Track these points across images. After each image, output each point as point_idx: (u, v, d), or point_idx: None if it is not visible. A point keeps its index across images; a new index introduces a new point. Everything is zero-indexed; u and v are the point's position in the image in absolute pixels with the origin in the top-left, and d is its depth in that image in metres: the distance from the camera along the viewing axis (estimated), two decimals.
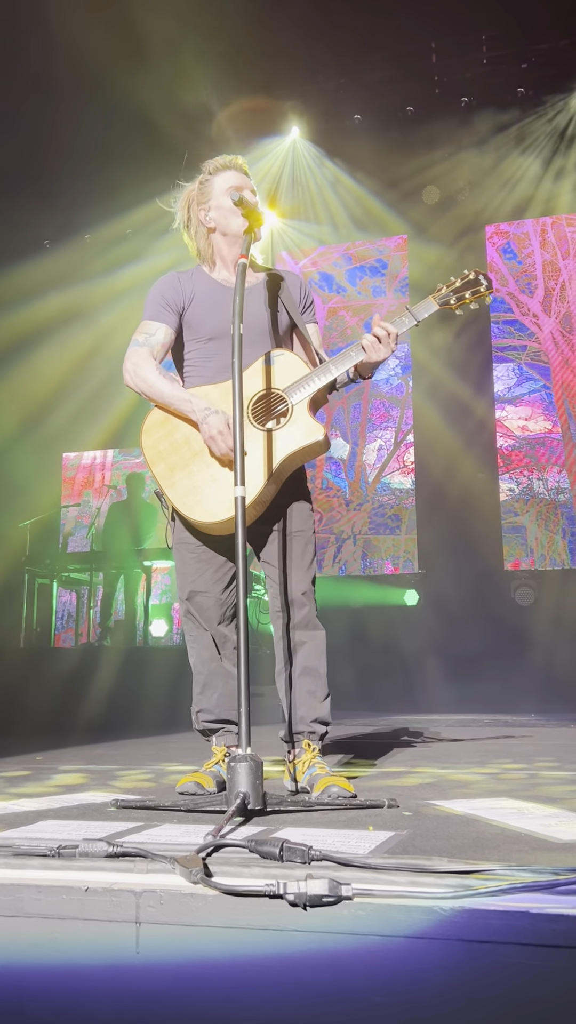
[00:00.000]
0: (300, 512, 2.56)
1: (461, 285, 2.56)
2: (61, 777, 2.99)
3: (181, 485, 2.47)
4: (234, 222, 2.56)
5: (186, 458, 2.49)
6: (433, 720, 6.41)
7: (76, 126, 8.21)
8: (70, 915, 1.27)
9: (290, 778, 2.42)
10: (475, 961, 1.11)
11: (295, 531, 2.54)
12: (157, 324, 2.57)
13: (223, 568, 2.56)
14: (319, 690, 2.46)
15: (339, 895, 1.17)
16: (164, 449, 2.52)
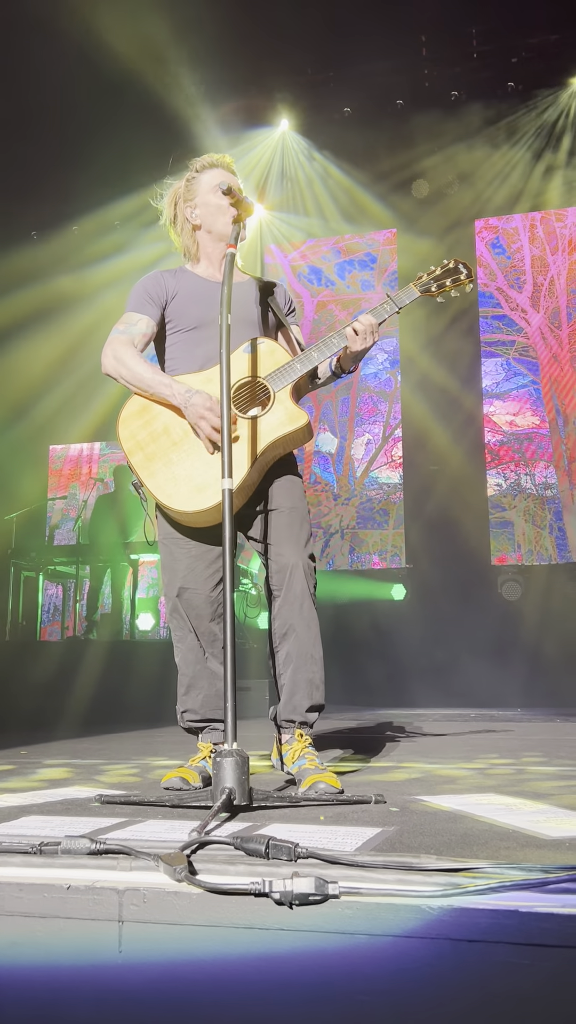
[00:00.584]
0: (292, 490, 2.54)
1: (442, 273, 2.58)
2: (45, 771, 2.96)
3: (160, 475, 2.44)
4: (219, 220, 2.59)
5: (165, 447, 2.46)
6: (420, 715, 6.42)
7: (63, 116, 8.13)
8: (51, 913, 1.25)
9: (278, 757, 2.44)
10: (463, 960, 1.09)
11: (288, 507, 2.51)
12: (139, 315, 2.57)
13: (214, 564, 2.53)
14: (317, 676, 2.43)
15: (326, 893, 1.15)
16: (142, 439, 2.48)
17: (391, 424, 9.84)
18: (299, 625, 2.42)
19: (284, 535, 2.47)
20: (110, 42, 7.35)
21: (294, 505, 2.51)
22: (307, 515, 2.55)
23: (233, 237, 2.28)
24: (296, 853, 1.29)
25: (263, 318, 2.62)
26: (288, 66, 9.07)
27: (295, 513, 2.50)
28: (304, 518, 2.53)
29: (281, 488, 2.53)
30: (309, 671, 2.41)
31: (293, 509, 2.51)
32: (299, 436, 2.48)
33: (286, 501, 2.51)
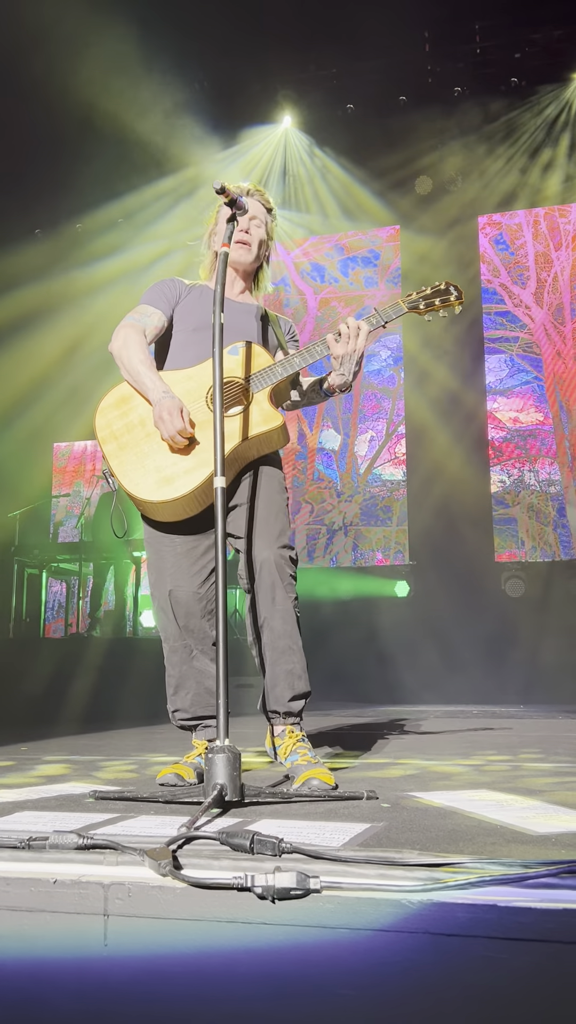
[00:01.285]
0: (268, 484, 2.55)
1: (431, 293, 2.57)
2: (44, 768, 2.98)
3: (129, 464, 2.48)
4: (232, 249, 2.61)
5: (139, 439, 2.51)
6: (422, 711, 6.42)
7: (67, 112, 8.14)
8: (38, 907, 1.27)
9: (271, 747, 2.48)
10: (442, 954, 1.10)
11: (263, 503, 2.53)
12: (153, 309, 2.65)
13: (200, 561, 2.54)
14: (296, 666, 2.43)
15: (307, 888, 1.17)
16: (117, 429, 2.53)
17: (394, 421, 9.84)
18: (272, 617, 2.42)
19: (256, 530, 2.49)
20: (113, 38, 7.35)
21: (269, 499, 2.53)
22: (283, 507, 2.55)
23: (227, 236, 2.28)
24: (280, 848, 1.30)
25: (263, 337, 2.68)
26: (291, 63, 9.07)
27: (270, 507, 2.51)
28: (279, 511, 2.53)
29: (258, 485, 2.56)
30: (288, 662, 2.41)
31: (268, 503, 2.52)
32: (273, 437, 2.49)
33: (261, 496, 2.53)
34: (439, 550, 9.03)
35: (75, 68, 7.54)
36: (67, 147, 8.60)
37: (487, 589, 8.81)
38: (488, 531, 9.24)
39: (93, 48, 7.48)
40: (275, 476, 2.58)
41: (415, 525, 9.44)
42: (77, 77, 7.59)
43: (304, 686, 2.43)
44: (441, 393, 9.42)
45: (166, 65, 8.61)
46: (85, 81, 7.69)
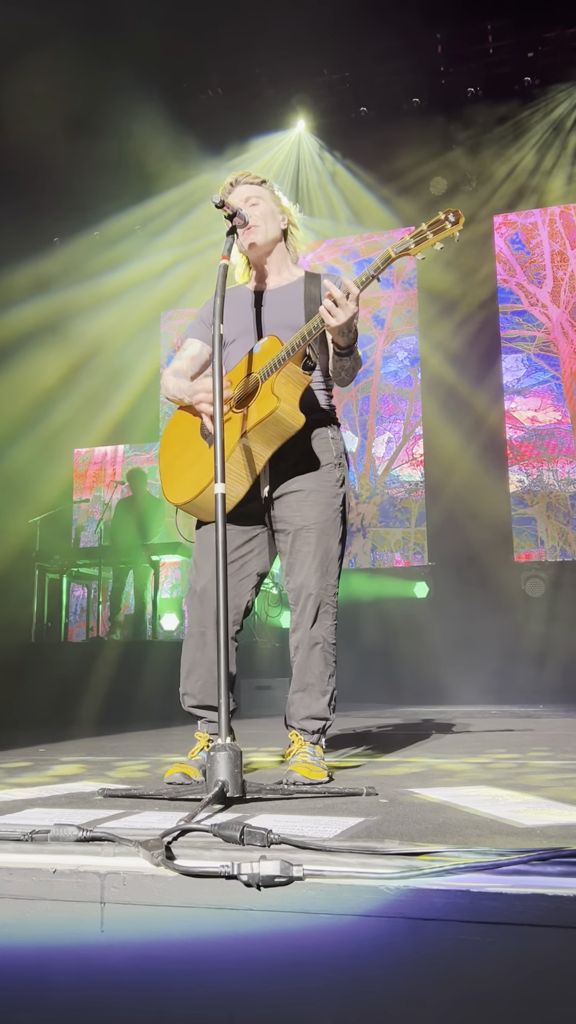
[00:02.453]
0: (311, 502, 2.55)
1: (426, 227, 2.34)
2: (60, 768, 3.06)
3: (170, 471, 2.69)
4: (246, 239, 2.66)
5: (182, 448, 2.69)
6: (441, 711, 6.45)
7: (82, 123, 8.26)
8: (39, 896, 1.33)
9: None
10: (418, 938, 1.15)
11: (300, 527, 2.55)
12: (191, 340, 2.78)
13: (234, 554, 2.56)
14: (310, 695, 2.51)
15: (291, 875, 1.22)
16: (169, 441, 2.76)
17: (412, 422, 9.87)
18: (304, 644, 2.52)
19: (298, 557, 2.54)
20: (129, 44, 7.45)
21: (310, 522, 2.54)
22: (328, 530, 2.54)
23: (226, 249, 2.34)
24: (269, 839, 1.36)
25: (309, 316, 2.61)
26: (304, 68, 9.13)
27: (310, 533, 2.53)
28: (321, 534, 2.53)
29: (307, 504, 2.56)
30: (306, 688, 2.51)
31: (308, 528, 2.53)
32: (278, 421, 2.44)
33: (310, 518, 2.54)
34: (458, 550, 9.04)
35: (88, 76, 7.65)
36: (83, 157, 8.71)
37: (507, 589, 8.80)
38: (507, 531, 9.24)
39: (106, 57, 7.60)
40: (318, 497, 2.56)
41: (433, 526, 9.46)
42: (89, 85, 7.70)
43: (321, 710, 2.51)
44: (458, 393, 9.44)
45: (180, 73, 8.74)
46: (99, 89, 7.81)
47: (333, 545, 2.56)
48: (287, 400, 2.45)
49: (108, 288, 9.90)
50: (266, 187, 2.72)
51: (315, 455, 2.60)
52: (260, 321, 2.67)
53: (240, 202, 2.64)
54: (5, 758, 3.46)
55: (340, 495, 2.60)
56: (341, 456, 2.65)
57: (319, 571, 2.52)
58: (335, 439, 2.66)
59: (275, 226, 2.70)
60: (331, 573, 2.54)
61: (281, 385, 2.46)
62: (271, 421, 2.44)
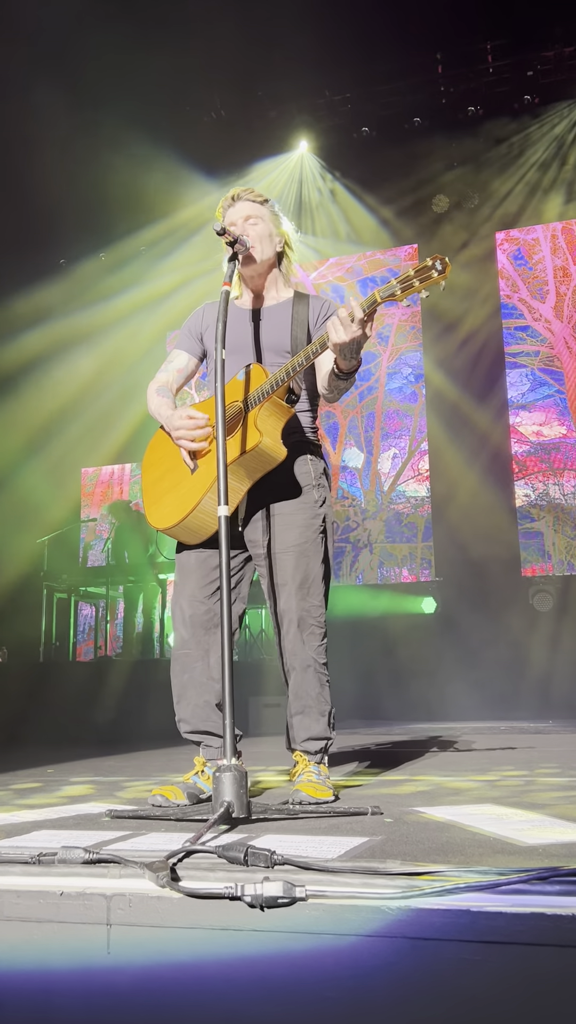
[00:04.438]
0: (288, 525, 2.57)
1: (414, 273, 2.28)
2: (69, 788, 3.08)
3: (151, 493, 2.70)
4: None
5: (162, 470, 2.70)
6: (450, 728, 6.44)
7: (86, 144, 8.36)
8: (46, 918, 1.35)
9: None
10: (419, 957, 1.17)
11: (279, 551, 2.56)
12: (177, 351, 2.80)
13: (212, 574, 2.58)
14: (309, 717, 2.52)
15: (293, 896, 1.24)
16: (151, 462, 2.76)
17: (417, 437, 9.90)
18: (295, 668, 2.53)
19: (279, 581, 2.55)
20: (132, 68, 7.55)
21: (290, 544, 2.55)
22: (308, 551, 2.55)
23: (228, 275, 2.38)
24: (273, 860, 1.38)
25: (294, 341, 2.63)
26: (306, 89, 9.24)
27: (290, 554, 2.54)
28: (300, 556, 2.53)
29: (286, 525, 2.57)
30: (302, 710, 2.53)
31: (288, 550, 2.54)
32: (259, 457, 2.46)
33: (290, 540, 2.55)
34: (465, 565, 9.04)
35: (91, 102, 7.76)
36: (88, 180, 8.81)
37: (515, 604, 8.79)
38: (514, 545, 9.23)
39: (109, 82, 7.70)
40: (295, 519, 2.56)
41: (440, 541, 9.47)
42: (93, 109, 7.81)
43: (321, 731, 2.52)
44: (463, 409, 9.47)
45: (183, 96, 8.84)
46: (102, 113, 7.92)
47: (314, 566, 2.56)
48: (269, 434, 2.47)
49: (114, 310, 9.99)
50: (267, 207, 2.73)
51: (292, 479, 2.61)
52: (247, 341, 2.69)
53: (239, 218, 2.67)
54: (15, 779, 3.48)
55: (320, 515, 2.61)
56: (320, 477, 2.66)
57: (299, 593, 2.52)
58: (314, 460, 2.67)
59: (270, 248, 2.71)
60: (313, 594, 2.54)
61: (265, 418, 2.48)
62: (253, 455, 2.46)
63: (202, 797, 2.47)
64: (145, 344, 10.16)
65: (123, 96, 7.81)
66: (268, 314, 2.72)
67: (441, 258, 2.22)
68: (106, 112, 7.92)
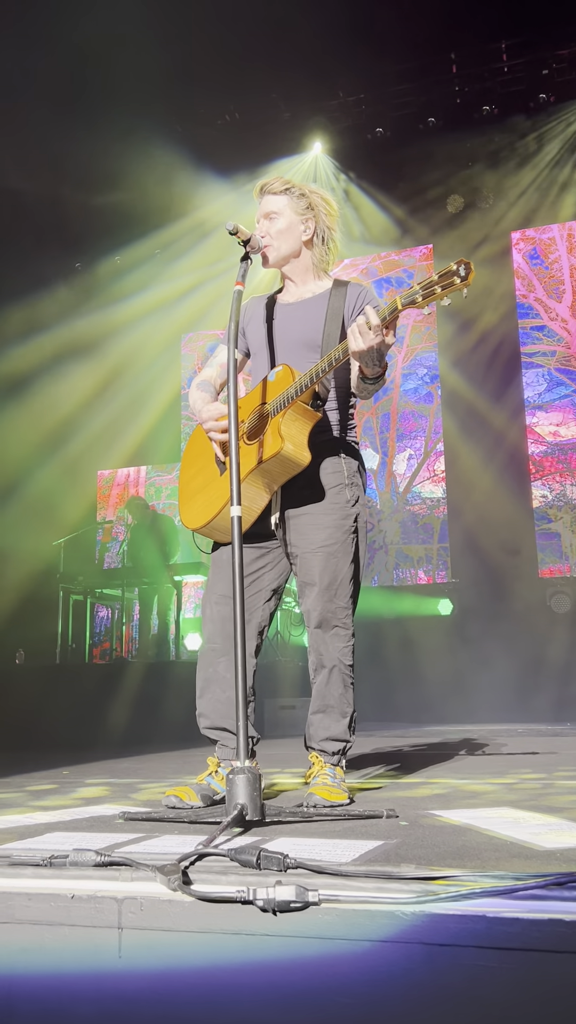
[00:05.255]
0: (318, 525, 2.54)
1: (438, 279, 2.17)
2: (84, 790, 3.07)
3: (184, 492, 2.72)
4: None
5: (195, 469, 2.73)
6: (466, 730, 6.40)
7: (101, 147, 8.38)
8: (57, 921, 1.34)
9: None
10: (434, 963, 1.15)
11: (308, 551, 2.54)
12: (222, 346, 2.75)
13: (247, 579, 2.53)
14: (329, 716, 2.51)
15: (306, 901, 1.22)
16: (187, 459, 2.79)
17: (432, 438, 9.86)
18: (320, 669, 2.53)
19: (307, 581, 2.54)
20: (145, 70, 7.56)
21: (321, 545, 2.52)
22: (336, 552, 2.52)
23: (240, 275, 2.36)
24: (286, 864, 1.36)
25: (329, 334, 2.56)
26: (320, 90, 9.23)
27: (316, 557, 2.52)
28: (329, 557, 2.51)
29: (315, 527, 2.54)
30: (324, 710, 2.52)
31: (317, 552, 2.52)
32: (281, 462, 2.44)
33: (319, 540, 2.53)
34: (481, 567, 8.99)
35: (106, 104, 7.78)
36: (103, 183, 8.84)
37: (532, 605, 8.73)
38: (531, 546, 9.17)
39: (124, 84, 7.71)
40: (325, 520, 2.53)
41: (456, 542, 9.42)
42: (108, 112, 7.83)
43: (341, 732, 2.51)
44: (479, 409, 9.43)
45: (197, 99, 8.86)
46: (117, 116, 7.93)
47: (343, 567, 2.53)
48: (292, 440, 2.43)
49: (129, 312, 10.01)
50: (289, 194, 2.62)
51: (325, 477, 2.58)
52: (279, 336, 2.65)
53: (261, 216, 2.64)
54: (30, 780, 3.48)
55: (351, 516, 2.58)
56: (354, 476, 2.61)
57: (326, 594, 2.51)
58: (347, 458, 2.62)
59: (291, 241, 2.63)
60: (340, 596, 2.52)
61: (289, 424, 2.45)
62: (276, 461, 2.44)
63: (215, 798, 2.46)
64: (160, 346, 10.19)
65: (136, 98, 7.83)
66: (303, 307, 2.66)
67: (466, 262, 2.12)
68: (120, 115, 7.93)
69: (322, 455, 2.56)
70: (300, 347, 2.58)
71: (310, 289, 2.69)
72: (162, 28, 7.44)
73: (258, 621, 2.59)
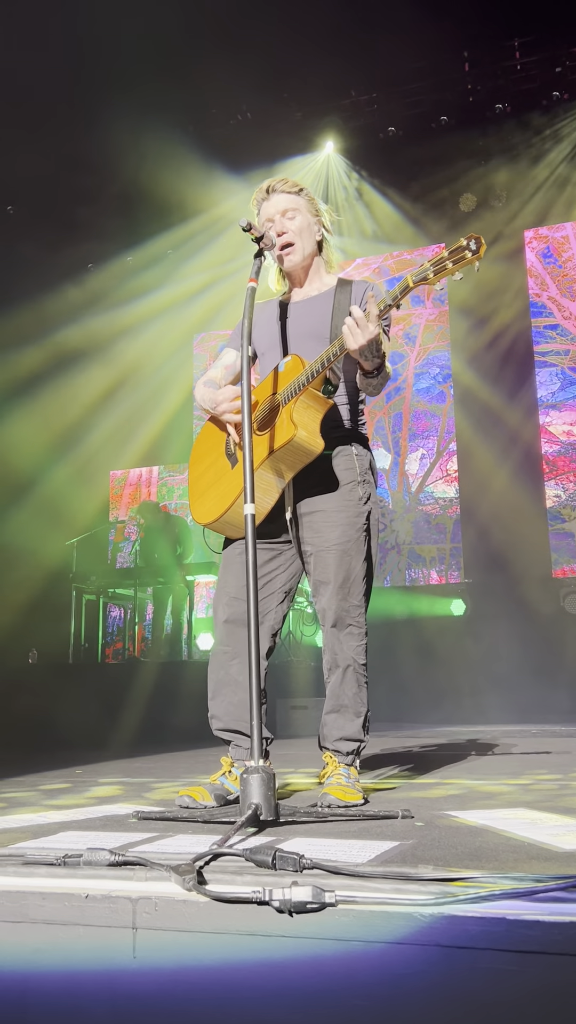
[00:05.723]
0: (332, 522, 2.52)
1: (448, 255, 2.20)
2: (98, 790, 3.07)
3: (195, 488, 2.70)
4: (283, 257, 2.66)
5: (205, 465, 2.71)
6: (480, 731, 6.36)
7: (112, 149, 8.39)
8: (72, 921, 1.33)
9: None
10: (452, 966, 1.13)
11: (321, 548, 2.52)
12: (228, 349, 2.79)
13: (260, 580, 2.48)
14: (343, 716, 2.50)
15: (323, 902, 1.21)
16: (196, 455, 2.77)
17: (445, 438, 9.82)
18: (335, 666, 2.51)
19: (321, 579, 2.52)
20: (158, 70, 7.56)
21: (335, 542, 2.50)
22: (350, 550, 2.50)
23: (254, 271, 2.34)
24: (301, 864, 1.35)
25: (335, 330, 2.56)
26: (332, 90, 9.21)
27: (330, 554, 2.50)
28: (343, 555, 2.49)
29: (328, 523, 2.52)
30: (337, 709, 2.50)
31: (330, 549, 2.50)
32: (296, 450, 2.42)
33: (332, 538, 2.51)
34: (494, 567, 8.94)
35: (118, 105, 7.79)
36: (114, 183, 8.85)
37: (545, 606, 8.68)
38: (544, 546, 9.12)
39: (136, 84, 7.72)
40: (338, 516, 2.52)
41: (469, 542, 9.38)
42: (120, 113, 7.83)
43: (355, 732, 2.49)
44: (491, 408, 9.38)
45: (209, 98, 8.86)
46: (128, 116, 7.94)
47: (356, 565, 2.51)
48: (305, 427, 2.42)
49: (141, 312, 10.02)
50: (303, 195, 2.65)
51: (337, 474, 2.56)
52: (288, 333, 2.65)
53: (276, 213, 2.62)
54: (44, 779, 3.48)
55: (363, 513, 2.56)
56: (366, 472, 2.59)
57: (340, 593, 2.49)
58: (359, 455, 2.60)
59: (311, 240, 2.65)
60: (354, 594, 2.50)
61: (300, 411, 2.43)
62: (289, 449, 2.42)
63: (229, 798, 2.45)
64: (171, 347, 10.19)
65: (148, 97, 7.84)
66: (311, 305, 2.67)
67: (476, 237, 2.15)
68: (132, 113, 7.94)
69: (336, 449, 2.54)
70: (310, 340, 2.58)
71: (316, 287, 2.71)
72: (175, 28, 7.45)
73: (271, 623, 2.57)
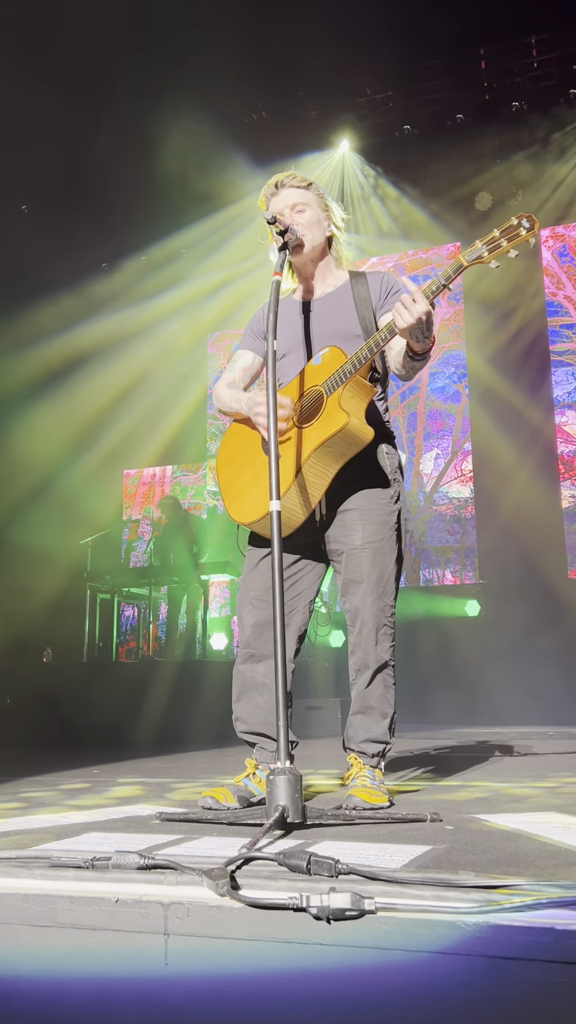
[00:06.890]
0: (365, 521, 2.48)
1: (499, 234, 2.18)
2: (118, 790, 3.04)
3: (230, 488, 2.62)
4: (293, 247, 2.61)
5: (240, 464, 2.63)
6: (497, 732, 6.32)
7: (127, 148, 8.38)
8: (101, 926, 1.29)
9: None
10: (498, 977, 1.09)
11: (355, 547, 2.48)
12: (242, 351, 2.74)
13: (285, 583, 2.49)
14: (370, 717, 2.46)
15: (362, 909, 1.17)
16: (227, 456, 2.70)
17: (460, 438, 9.77)
18: (365, 667, 2.46)
19: (354, 579, 2.47)
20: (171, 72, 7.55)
21: (368, 541, 2.46)
22: (383, 549, 2.47)
23: (278, 265, 2.31)
24: (337, 869, 1.31)
25: (363, 324, 2.55)
26: (347, 88, 9.18)
27: (365, 553, 2.46)
28: (376, 554, 2.46)
29: (361, 522, 2.49)
30: (365, 711, 2.46)
31: (365, 548, 2.46)
32: (347, 439, 2.38)
33: (362, 535, 2.47)
34: (510, 568, 8.88)
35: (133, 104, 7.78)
36: (129, 183, 8.84)
37: (561, 607, 8.61)
38: (560, 547, 9.06)
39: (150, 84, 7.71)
40: (373, 514, 2.49)
41: (484, 543, 9.32)
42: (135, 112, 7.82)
43: (381, 734, 2.45)
44: (507, 408, 9.32)
45: (225, 97, 8.83)
46: (144, 116, 7.93)
47: (389, 564, 2.48)
48: (355, 414, 2.38)
49: (155, 311, 10.01)
50: (313, 190, 2.63)
51: (371, 473, 2.52)
52: (311, 332, 2.61)
53: (285, 207, 2.59)
54: (62, 779, 3.46)
55: (395, 512, 2.53)
56: (396, 471, 2.57)
57: (374, 592, 2.45)
58: (390, 454, 2.58)
59: (320, 233, 2.62)
60: (387, 594, 2.47)
61: (349, 399, 2.39)
62: (340, 437, 2.37)
63: (252, 800, 2.41)
64: (186, 345, 10.17)
65: (163, 98, 7.83)
66: (327, 302, 2.64)
67: (528, 216, 2.13)
68: (147, 113, 7.93)
69: (370, 448, 2.50)
70: (336, 339, 2.53)
71: (330, 284, 2.68)
72: (190, 28, 7.43)
73: (298, 624, 2.54)
